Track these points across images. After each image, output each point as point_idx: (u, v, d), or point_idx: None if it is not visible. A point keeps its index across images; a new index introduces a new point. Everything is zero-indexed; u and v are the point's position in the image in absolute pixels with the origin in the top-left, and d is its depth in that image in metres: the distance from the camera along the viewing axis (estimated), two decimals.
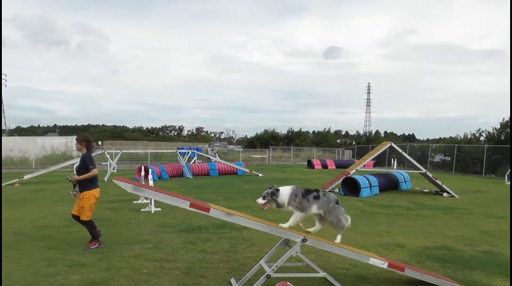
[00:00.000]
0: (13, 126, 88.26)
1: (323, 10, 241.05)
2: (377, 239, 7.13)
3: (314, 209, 4.46)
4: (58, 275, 4.82)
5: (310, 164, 30.01)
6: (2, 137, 37.17)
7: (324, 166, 29.41)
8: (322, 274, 4.56)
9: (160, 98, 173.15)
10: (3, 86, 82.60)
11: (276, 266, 4.24)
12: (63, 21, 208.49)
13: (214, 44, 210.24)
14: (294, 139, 49.50)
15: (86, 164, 6.16)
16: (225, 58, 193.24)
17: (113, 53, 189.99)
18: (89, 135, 6.68)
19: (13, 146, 30.53)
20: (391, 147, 15.27)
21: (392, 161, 17.48)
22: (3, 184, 15.80)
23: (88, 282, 4.62)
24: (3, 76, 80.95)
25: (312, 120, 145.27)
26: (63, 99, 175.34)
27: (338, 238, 4.56)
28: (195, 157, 26.07)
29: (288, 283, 4.60)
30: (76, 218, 6.26)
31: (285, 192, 4.40)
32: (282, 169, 27.83)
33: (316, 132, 60.97)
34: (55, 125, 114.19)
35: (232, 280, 4.66)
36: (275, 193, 4.36)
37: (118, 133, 73.18)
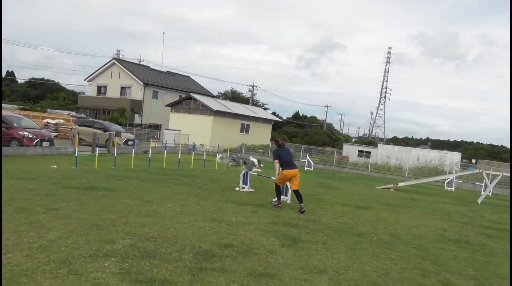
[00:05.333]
0: (390, 136, 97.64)
1: None
2: None
3: None
4: None
5: None
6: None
7: None
8: None
9: None
10: (387, 99, 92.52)
11: None
12: (466, 34, 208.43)
13: None
14: None
15: (274, 156, 9.23)
16: None
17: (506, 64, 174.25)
18: (277, 137, 9.80)
19: (390, 154, 33.52)
20: None
21: None
22: (380, 187, 17.59)
23: None
24: (388, 90, 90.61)
25: None
26: (441, 113, 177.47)
27: None
28: None
29: None
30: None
31: None
32: None
33: None
34: (427, 138, 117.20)
35: None
36: None
37: (495, 154, 66.50)
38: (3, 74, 78.23)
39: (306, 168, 24.54)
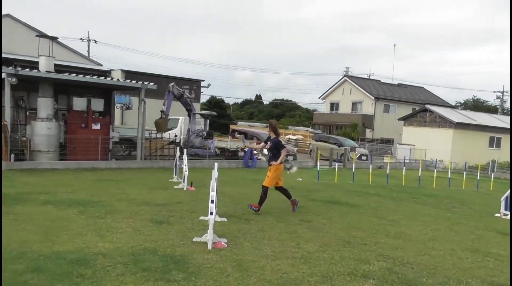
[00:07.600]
0: None
1: None
2: None
3: None
4: None
5: None
6: None
7: None
8: None
9: None
10: None
11: None
12: None
13: None
14: None
15: (278, 147, 7.70)
16: None
17: None
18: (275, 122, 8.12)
19: None
20: None
21: None
22: None
23: None
24: None
25: None
26: None
27: None
28: None
29: None
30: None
31: None
32: None
33: None
34: None
35: None
36: None
37: None
38: (253, 97, 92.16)
39: None
